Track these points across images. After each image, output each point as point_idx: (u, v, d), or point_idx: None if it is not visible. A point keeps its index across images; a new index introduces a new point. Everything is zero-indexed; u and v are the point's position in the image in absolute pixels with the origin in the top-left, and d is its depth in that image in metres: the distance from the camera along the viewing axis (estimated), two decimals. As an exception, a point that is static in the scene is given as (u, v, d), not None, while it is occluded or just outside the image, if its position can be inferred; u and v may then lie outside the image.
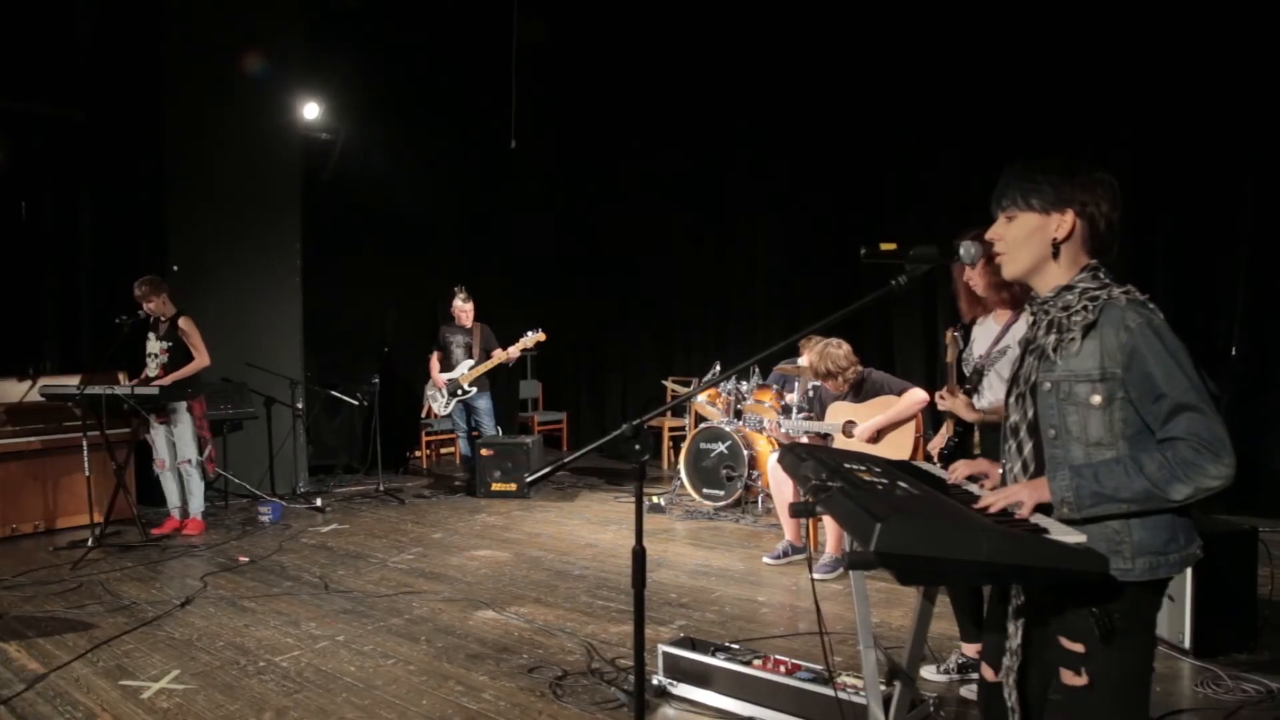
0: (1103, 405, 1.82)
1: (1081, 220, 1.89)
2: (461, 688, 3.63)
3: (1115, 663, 1.79)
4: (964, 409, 3.34)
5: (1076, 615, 1.81)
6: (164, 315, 6.33)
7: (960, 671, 3.61)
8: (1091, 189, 1.89)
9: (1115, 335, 1.80)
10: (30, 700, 3.56)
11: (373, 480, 8.27)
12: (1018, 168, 1.95)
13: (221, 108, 7.63)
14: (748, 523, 6.63)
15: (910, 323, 7.70)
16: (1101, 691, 1.80)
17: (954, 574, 1.71)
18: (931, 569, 1.69)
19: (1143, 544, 1.79)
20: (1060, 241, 1.90)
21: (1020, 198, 1.92)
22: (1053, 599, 1.87)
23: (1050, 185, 1.89)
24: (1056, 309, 1.90)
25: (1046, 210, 1.90)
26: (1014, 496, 1.86)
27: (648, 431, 2.07)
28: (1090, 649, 1.80)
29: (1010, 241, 1.95)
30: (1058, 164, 1.91)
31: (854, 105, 7.86)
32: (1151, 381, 1.76)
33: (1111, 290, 1.85)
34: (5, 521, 6.34)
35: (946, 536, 1.67)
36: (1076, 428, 1.85)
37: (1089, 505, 1.77)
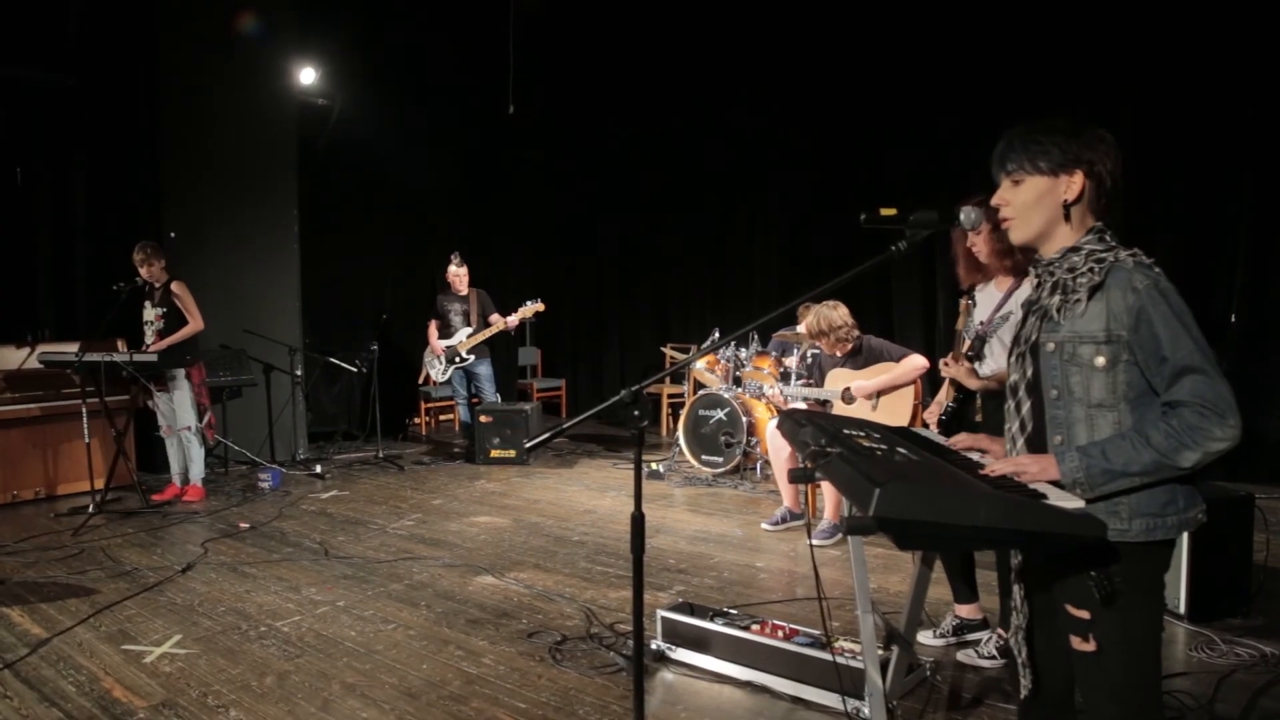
0: (1106, 367, 1.81)
1: (1090, 180, 1.87)
2: (461, 652, 3.66)
3: (1119, 625, 1.79)
4: (967, 375, 3.33)
5: (1078, 580, 1.81)
6: (158, 282, 6.31)
7: (955, 634, 3.64)
8: (1096, 147, 1.87)
9: (1122, 297, 1.78)
10: (34, 664, 3.58)
11: (372, 447, 8.29)
12: (1020, 130, 1.92)
13: (216, 72, 7.55)
14: (746, 489, 6.65)
15: (909, 289, 7.69)
16: (1110, 656, 1.81)
17: (952, 539, 1.71)
18: (929, 534, 1.70)
19: (1139, 505, 1.78)
20: (1071, 203, 1.88)
21: (1027, 160, 1.89)
22: (1054, 564, 1.87)
23: (1058, 146, 1.86)
24: (1062, 270, 1.88)
25: (1055, 172, 1.88)
26: (1022, 468, 1.84)
27: (646, 398, 2.06)
28: (1095, 614, 1.80)
29: (1019, 206, 1.93)
30: (1062, 124, 1.89)
31: (854, 69, 7.79)
32: (1158, 343, 1.75)
33: (1118, 253, 1.84)
34: (6, 488, 6.35)
35: (944, 502, 1.67)
36: (1079, 389, 1.84)
37: (1101, 483, 1.76)
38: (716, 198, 9.27)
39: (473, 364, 7.87)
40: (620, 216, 10.16)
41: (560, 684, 3.34)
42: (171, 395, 6.32)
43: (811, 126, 8.22)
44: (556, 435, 2.31)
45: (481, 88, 9.82)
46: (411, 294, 9.82)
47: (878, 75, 7.62)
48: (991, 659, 3.41)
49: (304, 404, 8.34)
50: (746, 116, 8.82)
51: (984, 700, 3.16)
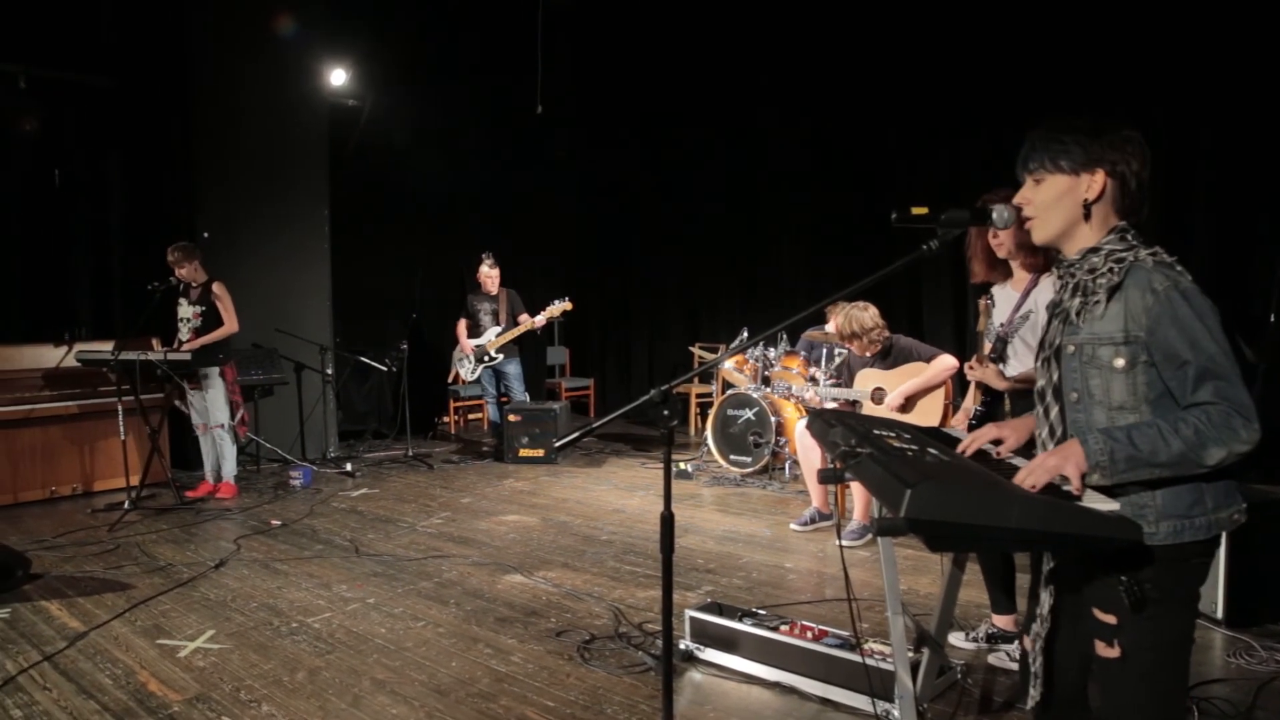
0: (1126, 369, 1.78)
1: (1112, 180, 1.85)
2: (490, 650, 3.67)
3: (1148, 633, 1.76)
4: (994, 378, 3.30)
5: (1108, 585, 1.77)
6: (195, 281, 6.39)
7: (989, 642, 3.60)
8: (1120, 147, 1.85)
9: (1140, 298, 1.76)
10: (72, 657, 3.64)
11: (401, 445, 8.34)
12: (1043, 130, 1.90)
13: (248, 74, 7.64)
14: (775, 489, 6.63)
15: (939, 289, 7.61)
16: (1134, 664, 1.77)
17: (984, 540, 1.69)
18: (961, 535, 1.68)
19: (1166, 508, 1.75)
20: (1091, 202, 1.86)
21: (1048, 159, 1.88)
22: (1084, 568, 1.84)
23: (1079, 145, 1.85)
24: (1082, 271, 1.86)
25: (1076, 171, 1.86)
26: (1056, 470, 1.77)
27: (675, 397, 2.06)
28: (1122, 620, 1.77)
29: (1040, 205, 1.91)
30: (1084, 124, 1.87)
31: (885, 68, 7.73)
32: (1176, 347, 1.72)
33: (1139, 252, 1.82)
34: (44, 484, 6.46)
35: (976, 503, 1.66)
36: (1099, 391, 1.82)
37: (1124, 469, 1.73)
38: (745, 196, 9.23)
39: (502, 363, 7.90)
40: (649, 215, 10.16)
41: (588, 683, 3.35)
42: (205, 393, 6.39)
43: (841, 125, 8.16)
44: (586, 434, 2.31)
45: (510, 87, 9.85)
46: (441, 293, 9.87)
47: (910, 74, 7.56)
48: (1023, 662, 3.37)
49: (335, 402, 8.42)
50: (776, 114, 8.79)
51: (1016, 704, 3.12)
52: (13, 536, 5.38)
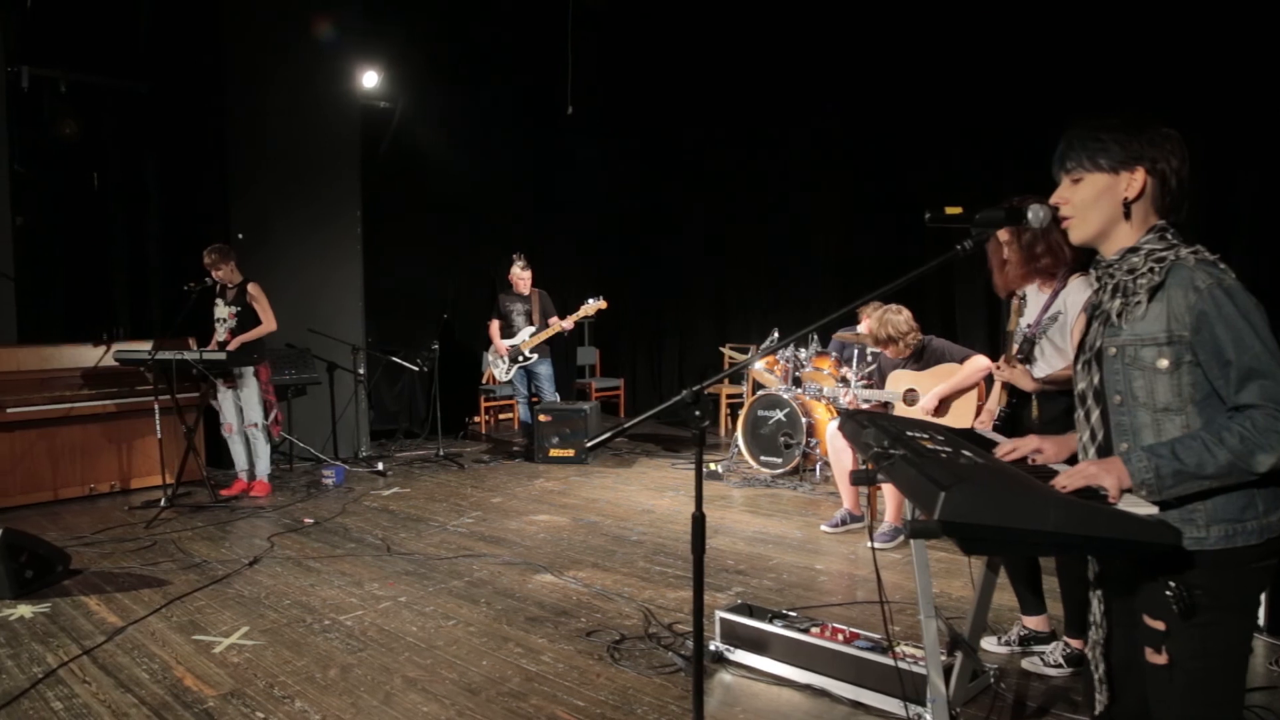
0: (1170, 369, 1.75)
1: (1152, 178, 1.82)
2: (521, 650, 3.68)
3: (1197, 640, 1.71)
4: (1022, 379, 3.27)
5: (1157, 591, 1.73)
6: (231, 282, 6.47)
7: (1022, 644, 3.56)
8: (1160, 145, 1.81)
9: (1183, 296, 1.72)
10: (110, 651, 3.70)
11: (432, 445, 8.39)
12: (1080, 127, 1.87)
13: (282, 78, 7.73)
14: (805, 490, 6.60)
15: (972, 290, 7.53)
16: (1183, 672, 1.73)
17: (1020, 544, 1.66)
18: (997, 539, 1.66)
19: (1216, 511, 1.71)
20: (1131, 201, 1.83)
21: (1086, 158, 1.85)
22: (1133, 572, 1.81)
23: (1118, 143, 1.82)
24: (1121, 272, 1.83)
25: (1115, 169, 1.83)
26: (1094, 479, 1.75)
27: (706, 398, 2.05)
28: (1171, 627, 1.72)
29: (1078, 204, 1.88)
30: (1123, 121, 1.84)
31: (916, 65, 7.67)
32: (1221, 346, 1.68)
33: (1179, 250, 1.78)
34: (84, 481, 6.57)
35: (1013, 506, 1.64)
36: (1143, 393, 1.78)
37: (1171, 485, 1.69)
38: (775, 196, 9.20)
39: (534, 363, 7.93)
40: (679, 216, 10.15)
41: (618, 683, 3.35)
42: (240, 393, 6.46)
43: (873, 125, 8.12)
44: (618, 434, 2.31)
45: (541, 88, 9.91)
46: (472, 293, 9.93)
47: (945, 73, 7.50)
48: (1058, 667, 3.33)
49: (366, 402, 8.48)
50: (806, 114, 8.75)
51: (1050, 709, 3.09)
52: (52, 533, 5.47)
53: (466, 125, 9.56)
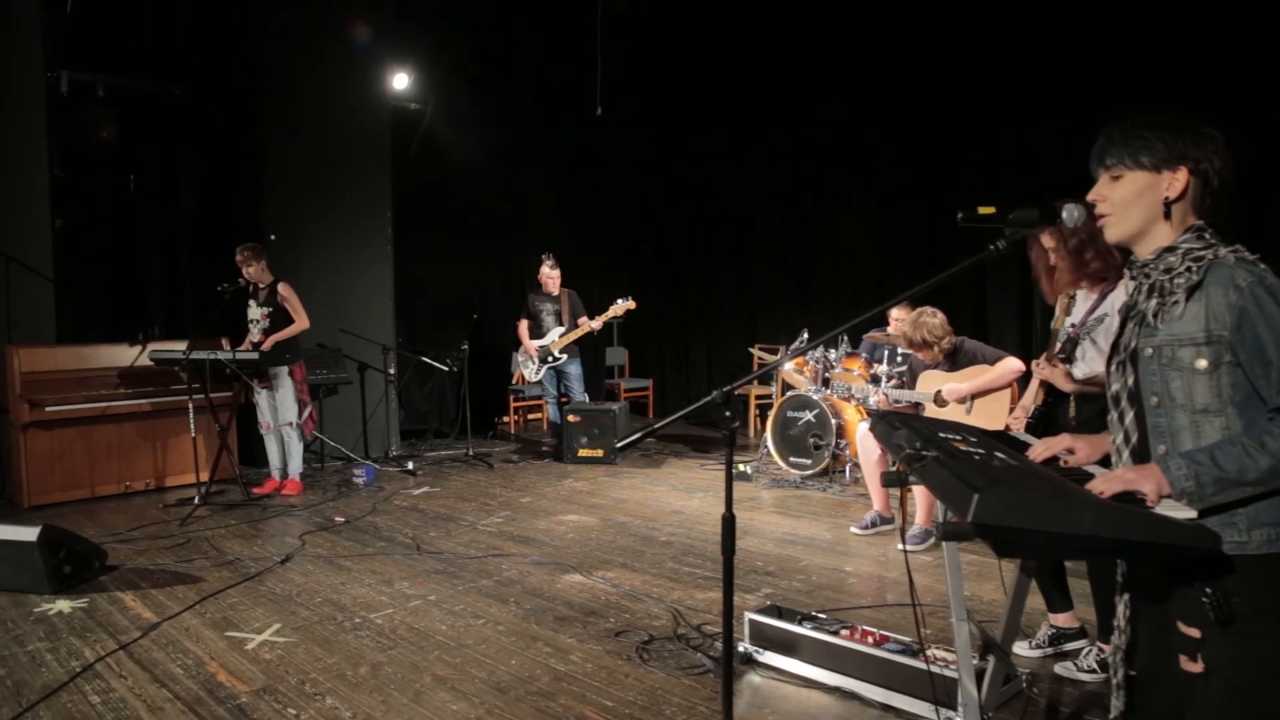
0: (1208, 370, 1.71)
1: (1195, 178, 1.78)
2: (549, 649, 3.69)
3: (1234, 649, 1.66)
4: (1062, 378, 3.23)
5: (1191, 597, 1.69)
6: (262, 282, 6.54)
7: (1052, 644, 3.53)
8: (1203, 145, 1.78)
9: (1223, 295, 1.69)
10: (145, 646, 3.75)
11: (462, 445, 8.43)
12: (1123, 124, 1.83)
13: (314, 80, 7.81)
14: (835, 492, 6.56)
15: (1004, 289, 7.47)
16: (1219, 681, 1.68)
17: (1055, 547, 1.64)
18: (1031, 541, 1.63)
19: (1259, 515, 1.66)
20: (1172, 201, 1.79)
21: (1128, 155, 1.81)
22: (1166, 577, 1.77)
23: (1161, 141, 1.78)
24: (1158, 272, 1.80)
25: (1157, 168, 1.79)
26: (1132, 485, 1.71)
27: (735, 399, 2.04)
28: (1206, 634, 1.68)
29: (1117, 202, 1.84)
30: (1167, 119, 1.80)
31: (947, 63, 7.61)
32: (1262, 345, 1.65)
33: (1218, 250, 1.74)
34: (120, 479, 6.66)
35: (1047, 508, 1.61)
36: (1181, 394, 1.74)
37: (1213, 493, 1.65)
38: (806, 196, 9.17)
39: (564, 363, 7.95)
40: (708, 215, 10.14)
41: (647, 683, 3.35)
42: (275, 392, 6.53)
43: (903, 124, 8.06)
44: (648, 435, 2.31)
45: (570, 88, 9.93)
46: (501, 293, 9.98)
47: (973, 67, 7.43)
48: (1091, 672, 3.29)
49: (397, 402, 8.54)
50: (837, 114, 8.71)
51: (1083, 715, 3.06)
52: (90, 529, 5.55)
53: (495, 126, 9.61)
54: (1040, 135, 7.03)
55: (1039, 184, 6.90)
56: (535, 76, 9.95)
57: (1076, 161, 2.07)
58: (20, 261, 6.64)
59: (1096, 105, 6.37)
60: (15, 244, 6.64)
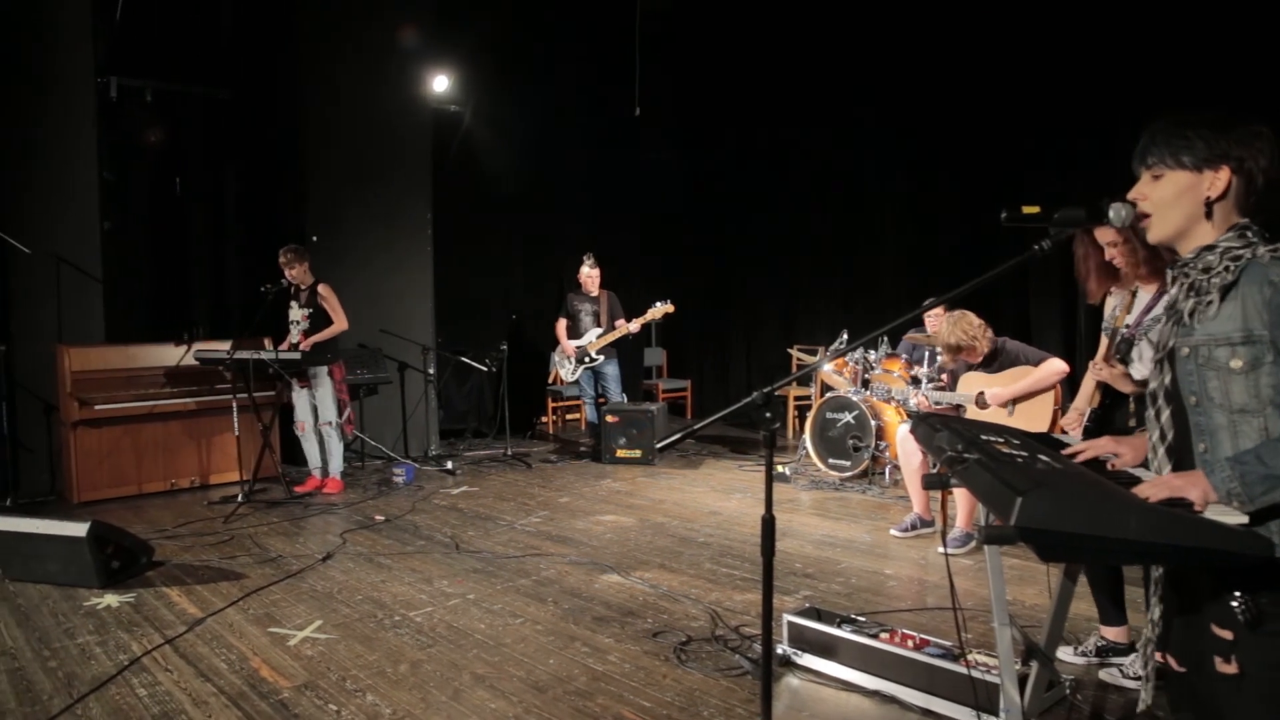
0: (1245, 370, 1.67)
1: (1238, 177, 1.74)
2: (587, 649, 3.70)
3: (1268, 651, 1.63)
4: (1121, 380, 3.17)
5: (1223, 599, 1.66)
6: (304, 283, 6.62)
7: (1099, 655, 3.46)
8: (1249, 143, 1.74)
9: (1258, 292, 1.66)
10: (190, 641, 3.81)
11: (500, 444, 8.48)
12: (1165, 123, 1.80)
13: (356, 84, 7.91)
14: (874, 494, 6.51)
15: (1048, 294, 7.35)
16: (1253, 683, 1.65)
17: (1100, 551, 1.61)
18: (1076, 545, 1.61)
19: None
20: (1214, 200, 1.76)
21: (1169, 154, 1.78)
22: (1199, 578, 1.74)
23: (1204, 140, 1.75)
24: (1196, 271, 1.77)
25: (1199, 167, 1.76)
26: (1179, 491, 1.68)
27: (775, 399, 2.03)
28: (1239, 636, 1.66)
29: (1157, 202, 1.82)
30: (1210, 118, 1.77)
31: (988, 64, 7.52)
32: None
33: (1257, 248, 1.71)
34: (166, 476, 6.78)
35: (1092, 512, 1.59)
36: (1218, 394, 1.71)
37: (1261, 493, 1.61)
38: (844, 196, 9.11)
39: (601, 364, 7.96)
40: (747, 216, 10.11)
41: (685, 684, 3.34)
42: (314, 392, 6.61)
43: (944, 124, 7.98)
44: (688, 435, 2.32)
45: (609, 89, 9.95)
46: (540, 294, 10.02)
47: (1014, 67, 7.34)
48: (1138, 679, 3.23)
49: (436, 402, 8.61)
50: (875, 114, 8.64)
51: (1129, 722, 3.01)
52: (137, 525, 5.65)
53: (534, 127, 9.65)
54: (1080, 135, 6.92)
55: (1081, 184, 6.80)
56: (574, 77, 9.98)
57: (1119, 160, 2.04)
58: (70, 263, 6.79)
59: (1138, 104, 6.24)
60: (66, 245, 6.78)
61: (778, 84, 9.42)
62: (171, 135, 8.22)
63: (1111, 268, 3.26)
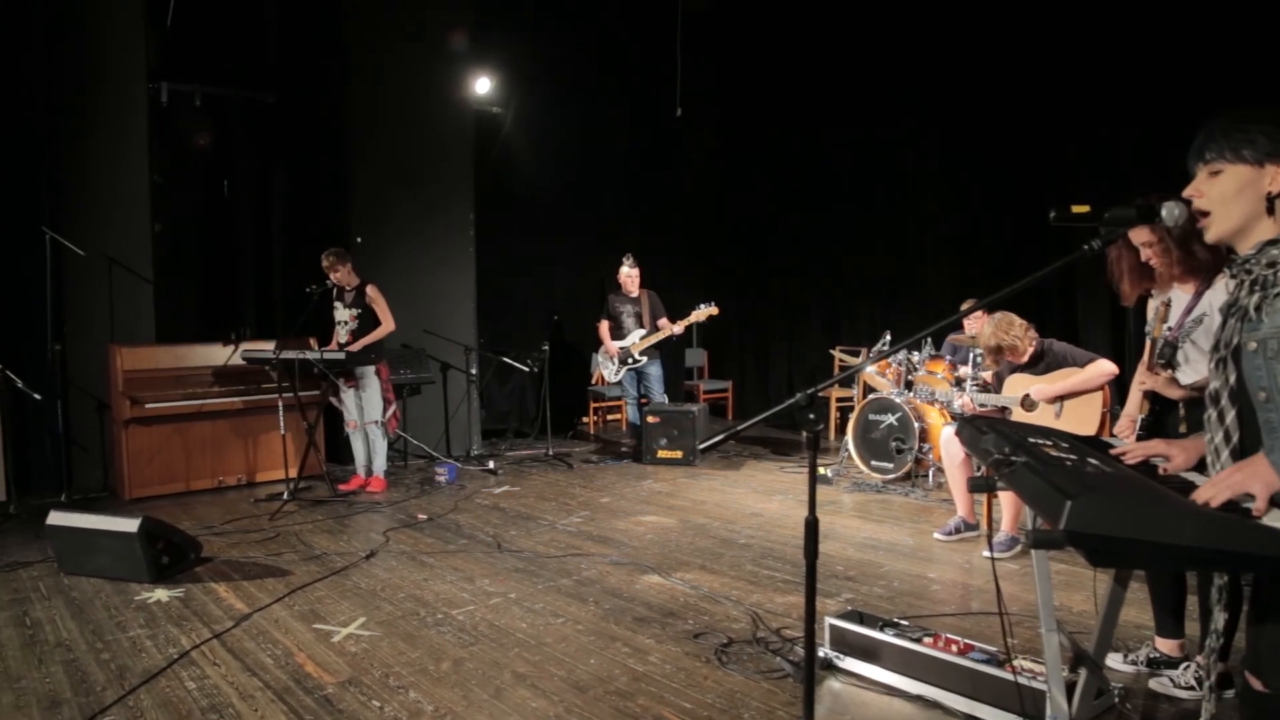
0: None
1: None
2: (628, 649, 3.70)
3: None
4: (1166, 386, 3.11)
5: None
6: (349, 285, 6.70)
7: (1150, 666, 3.38)
8: None
9: None
10: (237, 636, 3.87)
11: (542, 444, 8.51)
12: (1224, 119, 1.78)
13: (399, 86, 7.99)
14: (917, 497, 6.45)
15: (1096, 297, 7.22)
16: None
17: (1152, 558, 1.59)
18: (1127, 551, 1.58)
19: None
20: (1275, 196, 1.73)
21: (1229, 149, 1.75)
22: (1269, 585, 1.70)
23: (1265, 135, 1.72)
24: (1260, 266, 1.74)
25: (1260, 162, 1.73)
26: (1240, 487, 1.64)
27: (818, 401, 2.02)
28: None
29: (1216, 198, 1.79)
30: (1271, 112, 1.74)
31: (1033, 61, 7.40)
32: None
33: None
34: (214, 474, 6.90)
35: (1145, 517, 1.56)
36: None
37: None
38: (886, 196, 9.03)
39: (644, 364, 7.96)
40: (789, 216, 10.05)
41: (726, 686, 3.33)
42: (361, 392, 6.69)
43: (987, 122, 7.87)
44: (731, 436, 2.30)
45: (650, 89, 9.96)
46: (581, 295, 10.04)
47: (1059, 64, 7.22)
48: (1190, 689, 3.16)
49: (478, 402, 8.66)
50: (918, 114, 8.56)
51: (1181, 732, 2.95)
52: (185, 522, 5.75)
53: (575, 128, 9.69)
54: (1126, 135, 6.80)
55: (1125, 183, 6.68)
56: (616, 78, 10.00)
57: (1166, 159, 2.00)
58: (122, 264, 6.94)
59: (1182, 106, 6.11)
60: (118, 247, 6.94)
61: (819, 84, 9.36)
62: (220, 139, 8.36)
63: (1147, 269, 3.21)
